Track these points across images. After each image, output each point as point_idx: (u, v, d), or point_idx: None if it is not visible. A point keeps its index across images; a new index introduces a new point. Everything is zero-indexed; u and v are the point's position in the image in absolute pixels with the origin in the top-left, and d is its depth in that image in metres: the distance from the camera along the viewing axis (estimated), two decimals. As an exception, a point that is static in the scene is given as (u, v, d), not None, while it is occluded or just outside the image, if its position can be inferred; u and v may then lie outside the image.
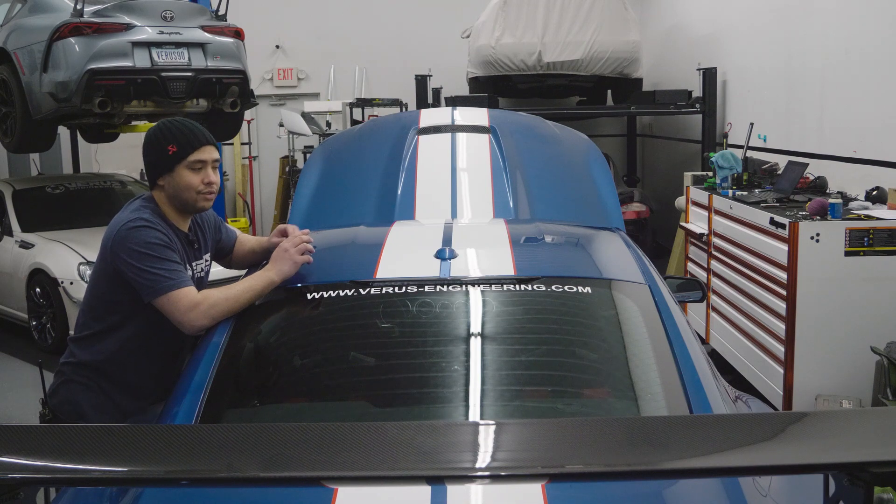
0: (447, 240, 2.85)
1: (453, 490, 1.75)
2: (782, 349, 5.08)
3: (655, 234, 10.13)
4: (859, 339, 4.89)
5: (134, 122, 8.64)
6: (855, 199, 5.52)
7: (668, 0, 11.07)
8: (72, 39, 7.14)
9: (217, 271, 3.16)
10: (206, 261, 3.00)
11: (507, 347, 2.48)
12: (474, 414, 2.22)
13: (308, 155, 9.89)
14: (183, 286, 2.64)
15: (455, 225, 3.11)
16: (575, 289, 2.55)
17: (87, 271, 7.18)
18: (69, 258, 7.44)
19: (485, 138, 3.64)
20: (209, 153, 2.80)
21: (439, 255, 2.68)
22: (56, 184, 8.90)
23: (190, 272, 2.82)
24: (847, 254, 4.92)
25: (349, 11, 12.30)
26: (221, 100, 7.88)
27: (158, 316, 2.68)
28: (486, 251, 2.90)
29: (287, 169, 11.50)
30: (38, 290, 7.63)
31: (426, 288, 2.55)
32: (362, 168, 3.66)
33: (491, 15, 9.45)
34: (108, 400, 2.83)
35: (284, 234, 2.88)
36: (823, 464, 1.44)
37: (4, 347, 7.85)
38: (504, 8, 9.32)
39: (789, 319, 5.01)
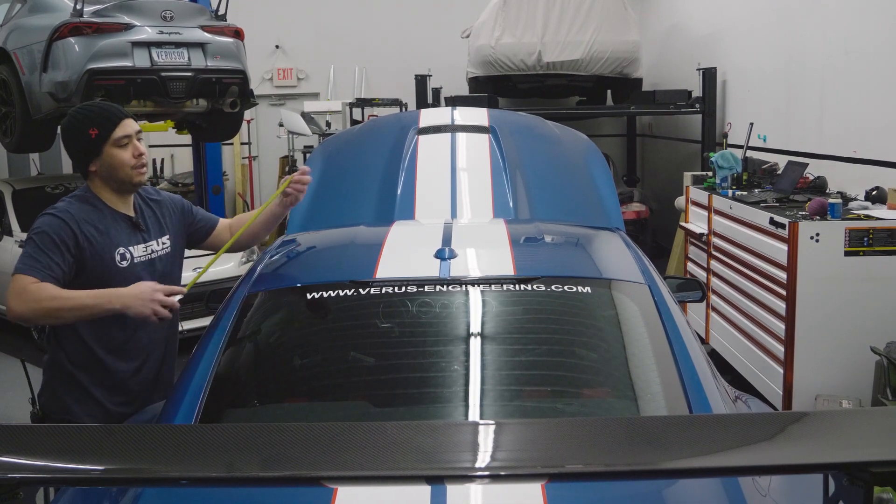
0: (447, 240, 2.84)
1: (453, 490, 1.75)
2: (782, 349, 5.08)
3: (655, 234, 10.13)
4: (859, 339, 4.89)
5: (134, 123, 8.62)
6: (855, 199, 5.52)
7: (667, 0, 11.07)
8: (71, 39, 7.13)
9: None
10: (163, 244, 2.97)
11: (507, 347, 2.47)
12: (474, 414, 2.22)
13: (308, 155, 9.91)
14: (26, 272, 2.63)
15: (455, 225, 3.11)
16: (575, 289, 2.54)
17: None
18: (69, 258, 7.42)
19: (484, 138, 3.64)
20: (130, 126, 2.85)
21: (439, 254, 2.67)
22: (56, 184, 8.88)
23: (129, 256, 2.82)
24: (847, 254, 4.92)
25: (349, 11, 12.30)
26: (221, 100, 7.86)
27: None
28: (486, 251, 2.89)
29: (287, 169, 11.49)
30: (37, 289, 7.61)
31: (426, 288, 2.55)
32: (362, 168, 3.66)
33: (491, 15, 9.45)
34: (91, 397, 2.85)
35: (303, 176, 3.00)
36: (823, 464, 1.44)
37: (4, 347, 7.84)
38: (504, 8, 9.32)
39: (789, 319, 5.01)
